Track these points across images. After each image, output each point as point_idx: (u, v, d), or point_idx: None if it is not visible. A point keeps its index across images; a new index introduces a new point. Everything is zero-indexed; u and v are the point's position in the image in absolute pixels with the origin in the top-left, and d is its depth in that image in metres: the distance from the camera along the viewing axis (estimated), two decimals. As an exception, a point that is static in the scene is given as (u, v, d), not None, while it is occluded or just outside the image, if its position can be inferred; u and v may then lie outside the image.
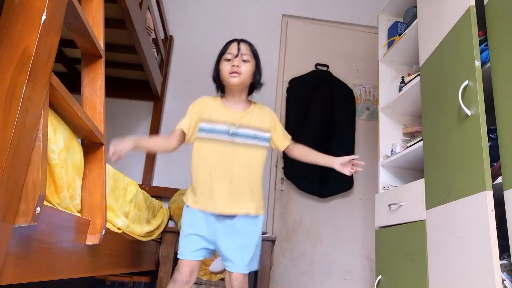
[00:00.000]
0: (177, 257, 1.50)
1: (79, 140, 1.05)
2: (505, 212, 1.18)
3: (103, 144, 1.11)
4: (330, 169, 1.65)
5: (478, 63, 1.34)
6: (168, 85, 3.17)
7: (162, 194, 2.78)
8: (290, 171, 2.98)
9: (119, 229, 1.41)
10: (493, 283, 1.13)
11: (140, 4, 2.16)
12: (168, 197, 2.68)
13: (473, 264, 1.24)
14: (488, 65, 1.35)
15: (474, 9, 1.42)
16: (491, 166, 1.26)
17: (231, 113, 1.54)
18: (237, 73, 1.50)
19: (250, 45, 1.59)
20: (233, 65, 1.50)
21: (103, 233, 1.07)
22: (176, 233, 2.29)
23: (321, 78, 3.23)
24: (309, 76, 3.21)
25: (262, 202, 1.56)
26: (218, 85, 1.62)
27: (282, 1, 3.43)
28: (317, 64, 3.30)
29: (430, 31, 1.76)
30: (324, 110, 3.12)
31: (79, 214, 1.04)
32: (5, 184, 0.64)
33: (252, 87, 1.61)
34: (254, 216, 1.51)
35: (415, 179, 1.74)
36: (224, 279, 1.54)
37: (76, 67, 2.81)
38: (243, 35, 1.75)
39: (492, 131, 1.33)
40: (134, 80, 3.05)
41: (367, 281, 2.90)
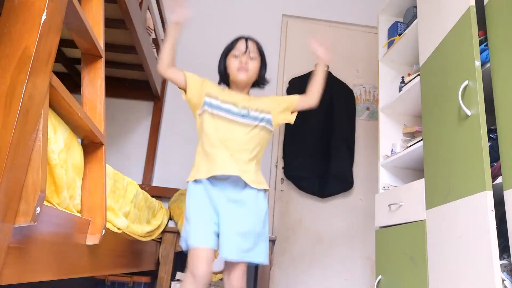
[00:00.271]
0: (189, 247, 1.42)
1: (79, 140, 1.05)
2: (505, 212, 1.18)
3: (103, 144, 1.11)
4: (330, 169, 1.65)
5: (478, 63, 1.34)
6: (168, 85, 3.17)
7: (162, 194, 2.78)
8: (290, 171, 2.99)
9: (119, 229, 1.41)
10: (493, 283, 1.13)
11: (140, 4, 2.16)
12: (168, 197, 2.68)
13: (473, 264, 1.24)
14: (488, 65, 1.35)
15: (474, 9, 1.42)
16: (491, 166, 1.26)
17: (236, 94, 1.61)
18: (245, 70, 1.58)
19: (257, 43, 1.68)
20: (241, 62, 1.58)
21: (103, 233, 1.07)
22: (176, 233, 2.29)
23: (321, 78, 3.22)
24: (309, 76, 3.21)
25: (264, 180, 1.57)
26: (223, 79, 1.68)
27: (282, 1, 3.43)
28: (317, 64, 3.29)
29: (430, 31, 1.76)
30: (324, 110, 3.12)
31: (79, 214, 1.04)
32: (5, 184, 0.64)
33: (255, 83, 1.69)
34: (256, 190, 1.51)
35: (415, 179, 1.74)
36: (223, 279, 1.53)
37: (76, 67, 2.81)
38: (246, 30, 1.75)
39: (492, 131, 1.33)
40: (134, 80, 3.05)
41: (367, 281, 2.90)
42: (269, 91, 3.10)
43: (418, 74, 1.85)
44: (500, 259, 1.19)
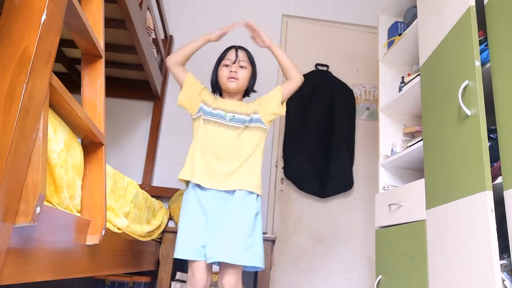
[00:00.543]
0: (188, 260, 1.51)
1: (79, 140, 1.05)
2: (505, 212, 1.18)
3: (103, 144, 1.11)
4: (330, 169, 1.68)
5: (478, 63, 1.34)
6: (168, 85, 3.17)
7: (162, 194, 2.78)
8: (290, 171, 2.99)
9: (119, 229, 1.41)
10: (493, 283, 1.13)
11: (140, 4, 2.16)
12: (168, 197, 2.68)
13: (473, 264, 1.24)
14: (488, 65, 1.35)
15: (474, 9, 1.42)
16: (491, 166, 1.25)
17: (226, 101, 1.65)
18: (235, 78, 1.62)
19: (247, 52, 1.70)
20: (231, 71, 1.62)
21: (103, 233, 1.07)
22: (176, 233, 2.28)
23: (321, 78, 3.23)
24: (309, 76, 3.21)
25: (257, 182, 1.57)
26: (216, 89, 1.72)
27: (282, 1, 3.43)
28: (317, 64, 3.30)
29: (430, 31, 1.76)
30: (324, 110, 3.12)
31: (79, 214, 1.04)
32: (5, 184, 0.64)
33: (247, 92, 1.72)
34: (246, 192, 1.52)
35: (415, 179, 1.74)
36: None
37: (76, 67, 2.81)
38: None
39: (492, 131, 1.33)
40: (134, 80, 3.05)
41: (367, 281, 2.90)
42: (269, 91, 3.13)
43: (418, 74, 1.85)
44: (500, 259, 1.19)
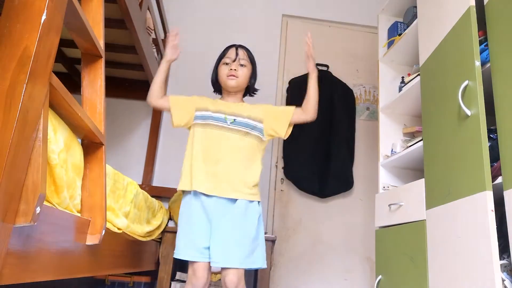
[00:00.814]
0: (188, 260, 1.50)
1: (79, 140, 1.05)
2: (505, 212, 1.18)
3: (103, 144, 1.11)
4: (330, 169, 1.67)
5: (478, 63, 1.34)
6: (168, 86, 3.17)
7: (162, 194, 2.78)
8: (290, 171, 2.98)
9: (119, 229, 1.41)
10: (493, 283, 1.13)
11: (140, 4, 2.16)
12: (168, 197, 2.68)
13: (473, 264, 1.24)
14: (488, 65, 1.35)
15: (474, 9, 1.42)
16: (491, 166, 1.25)
17: (227, 104, 1.65)
18: (235, 76, 1.62)
19: (248, 51, 1.70)
20: (231, 69, 1.62)
21: (103, 233, 1.07)
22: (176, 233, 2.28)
23: (321, 78, 3.22)
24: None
25: (257, 190, 1.57)
26: (216, 88, 1.72)
27: (282, 1, 3.43)
28: (317, 64, 3.28)
29: (430, 31, 1.76)
30: (324, 110, 3.12)
31: (79, 214, 1.04)
32: (5, 184, 0.64)
33: (247, 91, 1.72)
34: (247, 201, 1.52)
35: (415, 179, 1.74)
36: None
37: (76, 67, 2.81)
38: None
39: (492, 131, 1.33)
40: (134, 80, 3.05)
41: (367, 281, 2.90)
42: (269, 91, 3.14)
43: (418, 74, 1.85)
44: (500, 259, 1.19)
